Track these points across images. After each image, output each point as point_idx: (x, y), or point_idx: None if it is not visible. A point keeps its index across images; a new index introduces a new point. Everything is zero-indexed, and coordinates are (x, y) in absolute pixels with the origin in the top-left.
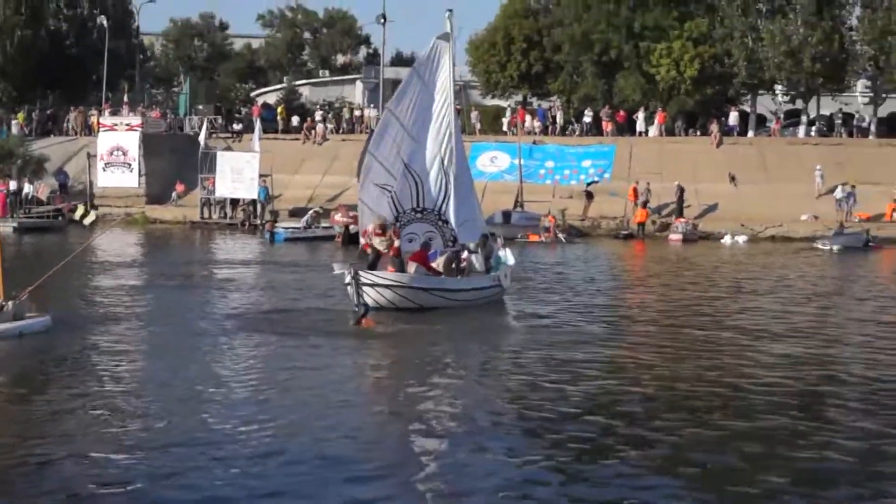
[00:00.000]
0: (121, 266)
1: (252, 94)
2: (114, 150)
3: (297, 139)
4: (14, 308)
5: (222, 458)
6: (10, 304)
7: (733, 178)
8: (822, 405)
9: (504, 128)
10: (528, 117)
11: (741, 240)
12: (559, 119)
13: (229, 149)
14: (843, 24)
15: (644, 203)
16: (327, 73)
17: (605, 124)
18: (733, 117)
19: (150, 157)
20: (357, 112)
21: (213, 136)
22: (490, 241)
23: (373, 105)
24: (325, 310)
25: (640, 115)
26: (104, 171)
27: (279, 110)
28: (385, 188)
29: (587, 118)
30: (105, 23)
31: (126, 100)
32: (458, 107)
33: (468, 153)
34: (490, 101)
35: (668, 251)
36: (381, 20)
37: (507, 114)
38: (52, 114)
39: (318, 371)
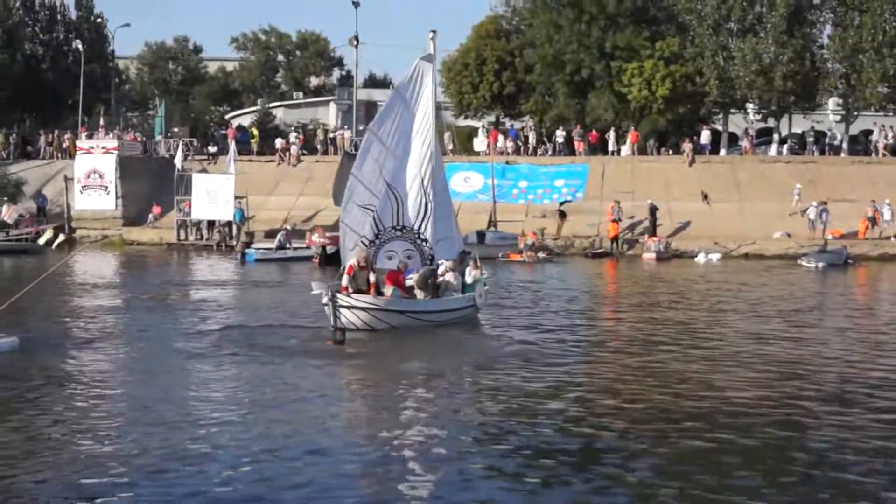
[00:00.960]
0: (98, 287)
1: (227, 116)
2: (91, 173)
3: (272, 161)
4: None
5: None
6: None
7: (706, 197)
8: (828, 421)
9: (476, 148)
10: (500, 137)
11: (714, 258)
12: (532, 139)
13: (205, 171)
14: (813, 42)
15: (616, 220)
16: (301, 94)
17: (577, 144)
18: (705, 136)
19: (126, 179)
20: (331, 134)
21: (189, 158)
22: (467, 257)
23: (346, 126)
24: (299, 328)
25: (612, 135)
26: (81, 193)
27: (252, 132)
28: (368, 208)
29: (559, 138)
30: (80, 47)
31: (102, 123)
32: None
33: None
34: (463, 122)
35: (644, 270)
36: (354, 42)
37: (480, 134)
38: (28, 137)
39: (295, 389)
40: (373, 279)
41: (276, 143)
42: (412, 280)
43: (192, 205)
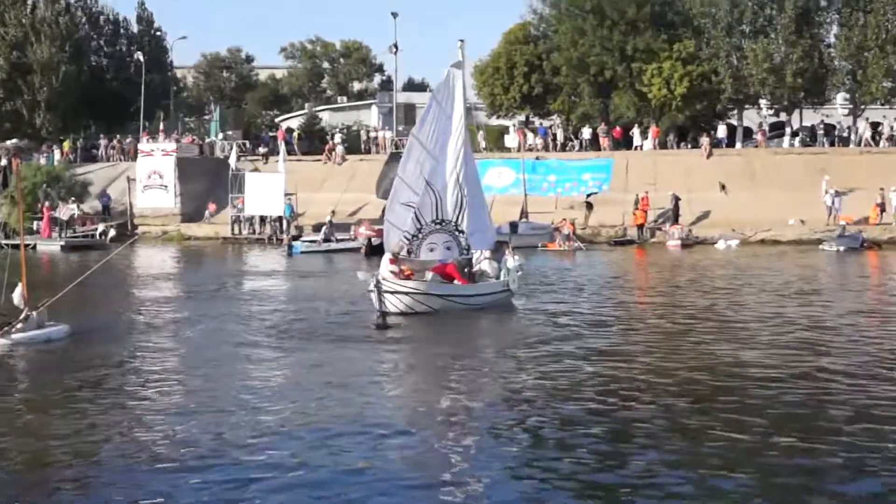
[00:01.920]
0: (158, 279)
1: (276, 119)
2: (151, 174)
3: (319, 160)
4: (38, 317)
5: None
6: (34, 313)
7: (723, 187)
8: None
9: (508, 144)
10: (530, 135)
11: (733, 244)
12: (559, 136)
13: (257, 170)
14: (821, 41)
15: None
16: (345, 99)
17: (602, 140)
18: (722, 130)
19: (184, 179)
20: (373, 134)
21: (242, 159)
22: (502, 247)
23: (387, 127)
24: (345, 314)
25: (636, 131)
26: (143, 192)
27: (295, 135)
28: (409, 205)
29: (586, 134)
30: (141, 58)
31: (162, 128)
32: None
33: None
34: (495, 121)
35: (670, 256)
36: (393, 50)
37: (511, 132)
38: (94, 142)
39: (342, 373)
40: (394, 269)
41: (328, 143)
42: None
43: (245, 202)
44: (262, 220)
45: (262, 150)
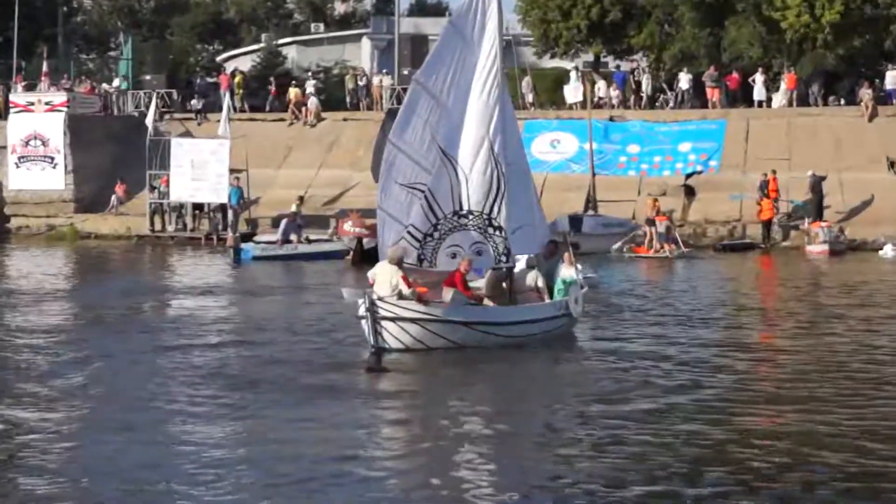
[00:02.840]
0: (40, 298)
1: (218, 58)
2: (30, 140)
3: (282, 119)
4: None
5: None
6: None
7: (893, 164)
8: None
9: (568, 99)
10: (601, 84)
11: None
12: (645, 86)
13: (188, 134)
14: None
15: (769, 196)
16: (321, 27)
17: (710, 92)
18: (891, 78)
19: (79, 147)
20: (363, 80)
21: (166, 117)
22: (560, 248)
23: (385, 70)
24: (315, 353)
25: (759, 79)
26: (17, 167)
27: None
28: (415, 189)
29: (684, 83)
30: None
31: (46, 69)
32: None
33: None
34: (549, 63)
35: (814, 268)
36: None
37: (573, 79)
38: None
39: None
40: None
41: (290, 93)
42: (478, 284)
43: (172, 182)
44: (197, 210)
45: (197, 104)
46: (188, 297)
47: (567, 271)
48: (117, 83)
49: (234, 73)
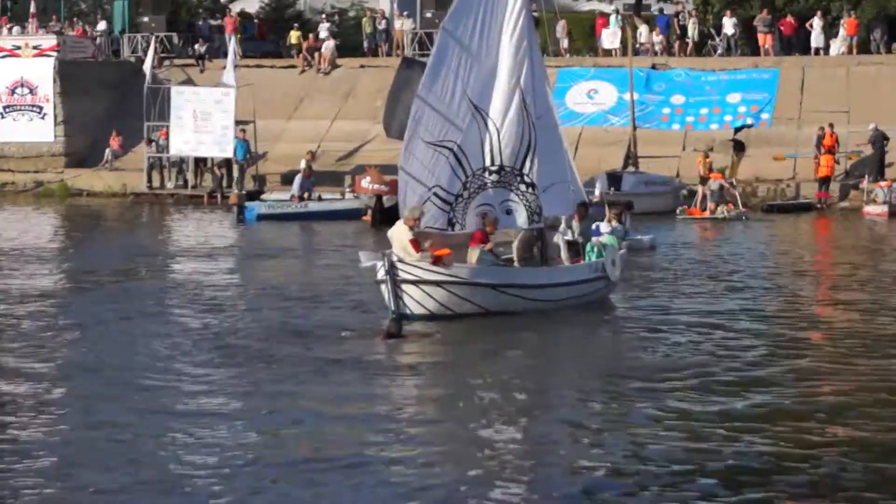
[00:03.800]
0: (27, 260)
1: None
2: (16, 87)
3: (293, 66)
4: None
5: None
6: None
7: None
8: None
9: (605, 45)
10: (642, 29)
11: None
12: (692, 31)
13: (190, 82)
14: None
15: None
16: None
17: (762, 38)
18: None
19: (70, 96)
20: (382, 24)
21: (166, 63)
22: (591, 212)
23: (406, 13)
24: (334, 322)
25: (817, 23)
26: (2, 118)
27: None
28: (443, 146)
29: (729, 28)
30: None
31: (33, 10)
32: (536, 13)
33: (553, 83)
34: (586, 4)
35: (871, 233)
36: None
37: (612, 23)
38: None
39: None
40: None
41: (290, 37)
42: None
43: (171, 135)
44: (199, 164)
45: (200, 48)
46: (188, 260)
47: (605, 229)
48: (103, 26)
49: (246, 16)
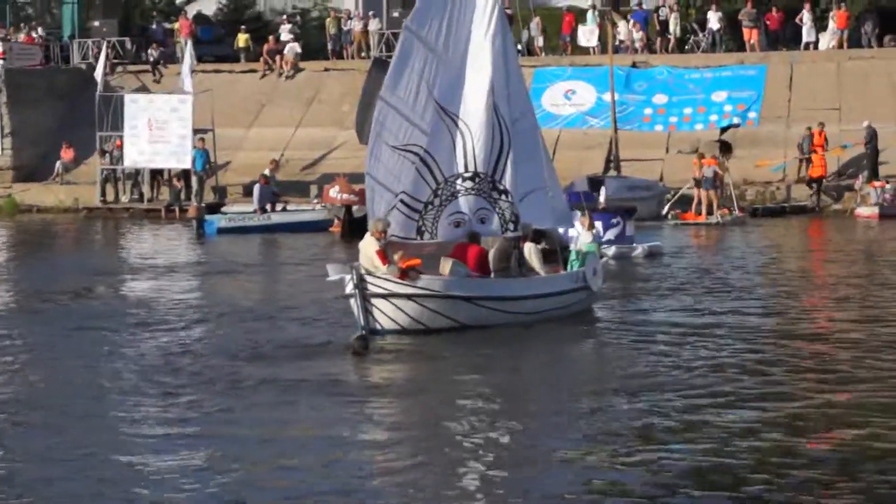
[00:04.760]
0: None
1: (178, 1)
2: None
3: (254, 70)
4: None
5: None
6: None
7: None
8: None
9: (583, 42)
10: (622, 25)
11: None
12: (673, 26)
13: (144, 90)
14: None
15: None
16: None
17: (747, 33)
18: None
19: (18, 106)
20: (347, 25)
21: (119, 69)
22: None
23: (372, 13)
24: (300, 339)
25: (806, 17)
26: None
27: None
28: (408, 151)
29: (714, 23)
30: None
31: None
32: (509, 11)
33: (529, 84)
34: (561, 2)
35: (864, 235)
36: None
37: (589, 20)
38: None
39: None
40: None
41: (238, 40)
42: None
43: (126, 145)
44: (156, 176)
45: (154, 53)
46: (145, 277)
47: (585, 238)
48: (43, 32)
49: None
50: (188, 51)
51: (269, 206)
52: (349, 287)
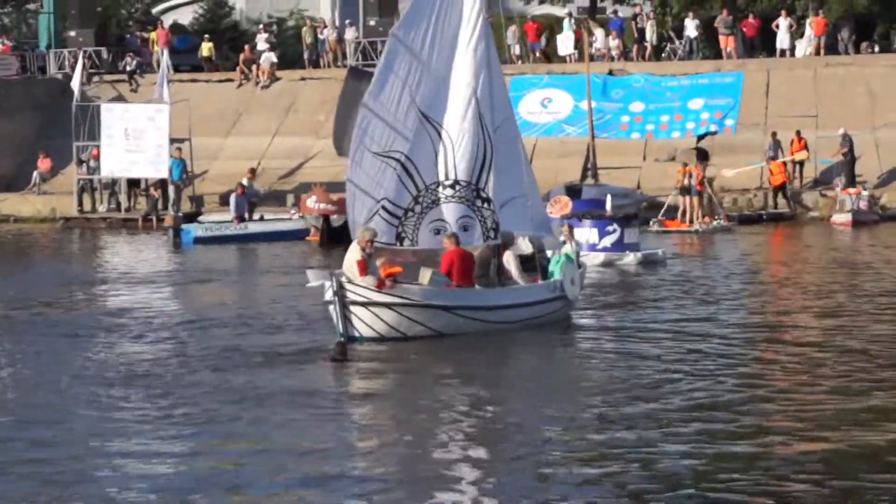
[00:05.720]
0: None
1: (155, 9)
2: None
3: (230, 80)
4: None
5: None
6: None
7: None
8: None
9: (561, 51)
10: (598, 33)
11: None
12: (650, 34)
13: (121, 99)
14: None
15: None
16: None
17: (724, 40)
18: None
19: None
20: (323, 34)
21: (95, 79)
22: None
23: (349, 21)
24: (279, 346)
25: (782, 23)
26: None
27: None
28: (389, 157)
29: (692, 31)
30: None
31: None
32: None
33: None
34: (538, 9)
35: (837, 242)
36: None
37: (566, 28)
38: None
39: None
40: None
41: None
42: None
43: (103, 155)
44: (133, 186)
45: (130, 63)
46: (122, 287)
47: (566, 247)
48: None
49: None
50: (164, 60)
51: (247, 214)
52: (328, 294)
